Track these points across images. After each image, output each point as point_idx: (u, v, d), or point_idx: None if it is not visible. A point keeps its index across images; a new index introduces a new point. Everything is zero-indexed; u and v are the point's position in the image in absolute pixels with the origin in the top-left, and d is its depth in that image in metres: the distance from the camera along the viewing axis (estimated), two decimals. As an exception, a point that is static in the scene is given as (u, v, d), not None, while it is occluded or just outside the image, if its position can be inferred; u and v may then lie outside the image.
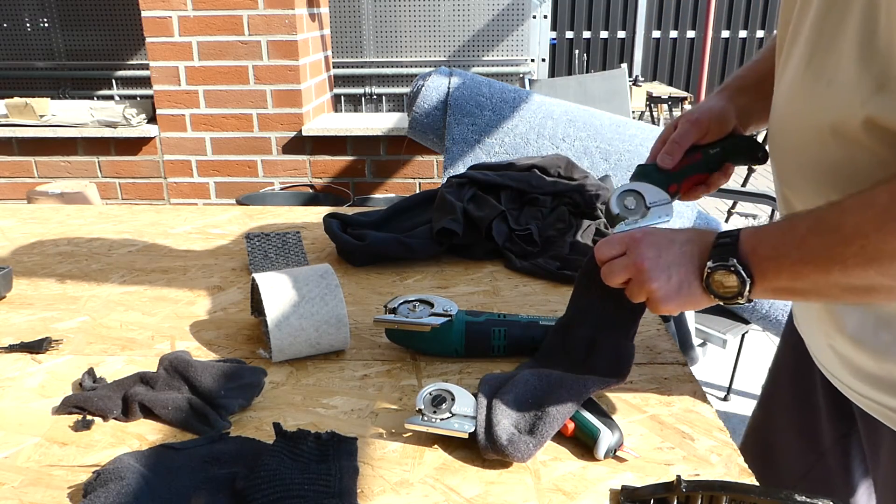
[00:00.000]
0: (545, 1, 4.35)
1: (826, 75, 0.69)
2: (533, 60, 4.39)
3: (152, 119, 3.26)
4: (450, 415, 0.73)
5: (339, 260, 1.26)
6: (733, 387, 2.73)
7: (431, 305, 0.91)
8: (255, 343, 0.96)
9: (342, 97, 4.56)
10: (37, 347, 0.94)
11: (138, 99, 3.88)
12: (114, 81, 4.60)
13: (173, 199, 3.34)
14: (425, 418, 0.73)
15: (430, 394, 0.75)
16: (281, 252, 1.26)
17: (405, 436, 0.75)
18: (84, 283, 1.18)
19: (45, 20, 4.48)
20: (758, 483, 0.67)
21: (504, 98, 1.96)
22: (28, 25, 4.52)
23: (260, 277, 0.92)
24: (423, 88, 1.99)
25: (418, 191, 3.02)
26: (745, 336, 2.43)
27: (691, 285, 0.72)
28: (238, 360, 0.87)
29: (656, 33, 9.30)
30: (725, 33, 9.24)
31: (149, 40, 3.08)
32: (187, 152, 3.25)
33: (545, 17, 4.40)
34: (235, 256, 1.30)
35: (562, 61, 9.12)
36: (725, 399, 2.71)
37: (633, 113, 4.54)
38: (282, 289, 0.90)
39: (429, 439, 0.74)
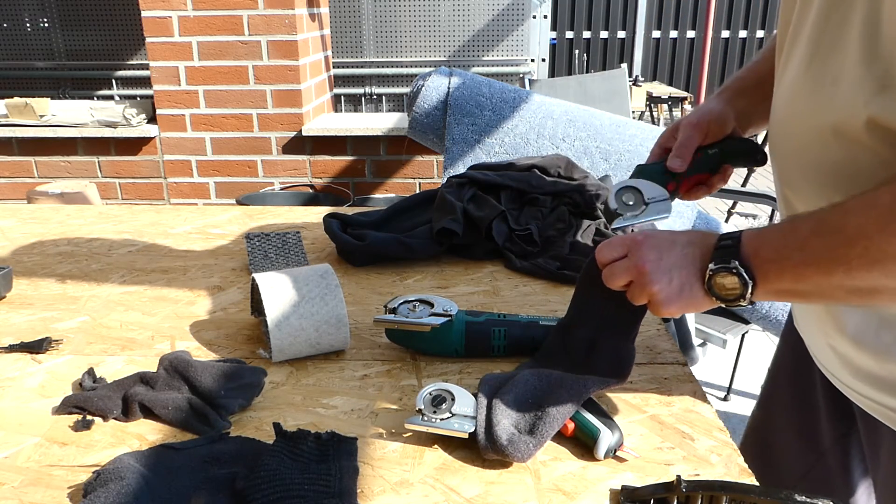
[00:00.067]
0: (545, 1, 4.35)
1: (828, 76, 0.69)
2: (533, 60, 4.39)
3: (152, 119, 3.26)
4: (450, 415, 0.73)
5: (339, 260, 1.26)
6: (733, 387, 2.73)
7: (431, 305, 0.91)
8: (255, 343, 0.96)
9: (342, 97, 4.56)
10: (37, 347, 0.94)
11: (138, 99, 3.88)
12: (114, 81, 4.60)
13: (173, 199, 3.34)
14: (425, 418, 0.73)
15: (430, 394, 0.75)
16: (281, 252, 1.26)
17: (405, 436, 0.75)
18: (84, 283, 1.18)
19: (45, 20, 4.48)
20: (758, 483, 0.66)
21: (504, 98, 1.96)
22: (28, 25, 4.52)
23: (260, 277, 0.92)
24: (423, 88, 1.99)
25: (418, 191, 3.02)
26: (745, 336, 2.43)
27: (693, 288, 0.72)
28: (238, 360, 0.87)
29: (656, 33, 9.30)
30: (725, 33, 9.24)
31: (149, 40, 3.08)
32: (187, 152, 3.25)
33: (545, 17, 4.40)
34: (235, 256, 1.30)
35: (562, 61, 9.12)
36: (725, 399, 2.71)
37: (633, 113, 4.54)
38: (282, 289, 0.90)
39: (429, 439, 0.74)
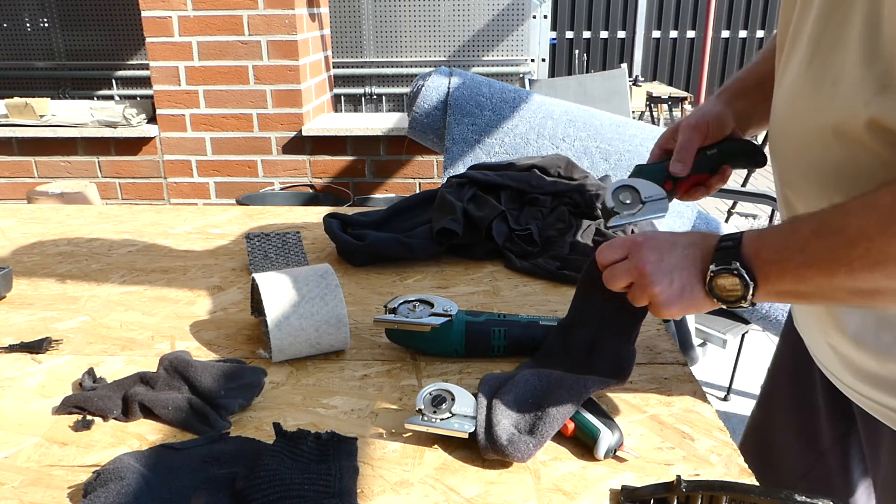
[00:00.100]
0: (545, 1, 4.35)
1: (828, 76, 0.69)
2: (533, 60, 4.39)
3: (152, 119, 3.26)
4: (450, 415, 0.73)
5: (339, 260, 1.26)
6: (733, 387, 2.73)
7: (431, 305, 0.91)
8: (255, 343, 0.96)
9: (342, 97, 4.56)
10: (37, 347, 0.94)
11: (138, 99, 3.88)
12: (114, 81, 4.60)
13: (173, 199, 3.34)
14: (425, 418, 0.73)
15: (430, 394, 0.75)
16: (281, 252, 1.26)
17: (405, 436, 0.75)
18: (84, 283, 1.18)
19: (45, 20, 4.48)
20: (758, 483, 0.66)
21: (504, 98, 1.96)
22: (28, 25, 4.52)
23: (260, 277, 0.92)
24: (423, 88, 1.99)
25: (418, 191, 3.02)
26: (745, 336, 2.43)
27: (694, 289, 0.72)
28: (238, 360, 0.87)
29: (656, 33, 9.30)
30: (725, 33, 9.24)
31: (149, 40, 3.08)
32: (187, 152, 3.25)
33: (545, 17, 4.40)
34: (235, 256, 1.30)
35: (562, 61, 9.12)
36: (725, 399, 2.71)
37: (633, 113, 4.54)
38: (282, 289, 0.90)
39: (429, 439, 0.74)
